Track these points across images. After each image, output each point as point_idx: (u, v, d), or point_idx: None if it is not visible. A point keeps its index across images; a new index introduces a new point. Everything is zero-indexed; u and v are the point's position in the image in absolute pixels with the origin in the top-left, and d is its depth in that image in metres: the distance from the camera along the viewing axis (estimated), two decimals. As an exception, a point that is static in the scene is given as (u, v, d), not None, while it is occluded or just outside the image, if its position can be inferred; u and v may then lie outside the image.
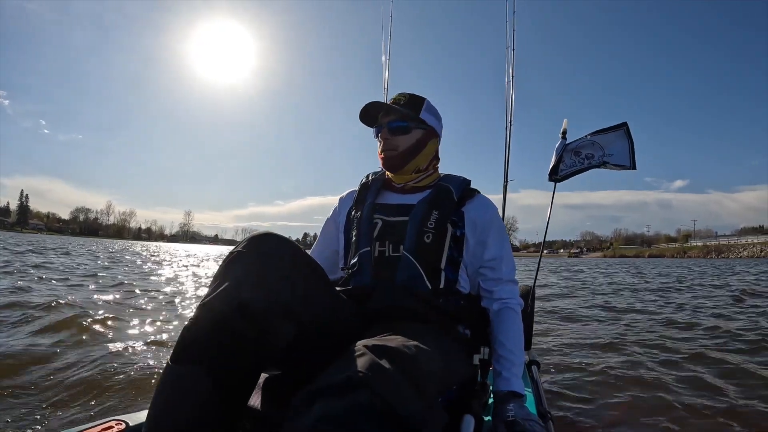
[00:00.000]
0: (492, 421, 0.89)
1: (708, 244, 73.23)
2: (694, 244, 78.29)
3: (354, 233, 1.07)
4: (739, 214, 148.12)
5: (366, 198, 1.11)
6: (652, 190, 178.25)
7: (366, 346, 0.63)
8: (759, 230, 78.62)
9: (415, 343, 0.69)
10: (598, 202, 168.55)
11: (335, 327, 0.81)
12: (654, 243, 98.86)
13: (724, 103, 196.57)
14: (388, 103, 1.09)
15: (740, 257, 55.45)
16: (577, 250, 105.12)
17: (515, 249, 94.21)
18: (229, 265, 0.71)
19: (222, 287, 0.67)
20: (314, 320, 0.75)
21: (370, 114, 1.11)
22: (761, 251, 56.84)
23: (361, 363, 0.59)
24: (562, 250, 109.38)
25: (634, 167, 1.99)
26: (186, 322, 0.68)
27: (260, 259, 0.70)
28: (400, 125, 1.07)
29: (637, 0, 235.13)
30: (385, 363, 0.60)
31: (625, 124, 2.00)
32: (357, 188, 1.18)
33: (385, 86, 2.52)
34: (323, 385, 0.58)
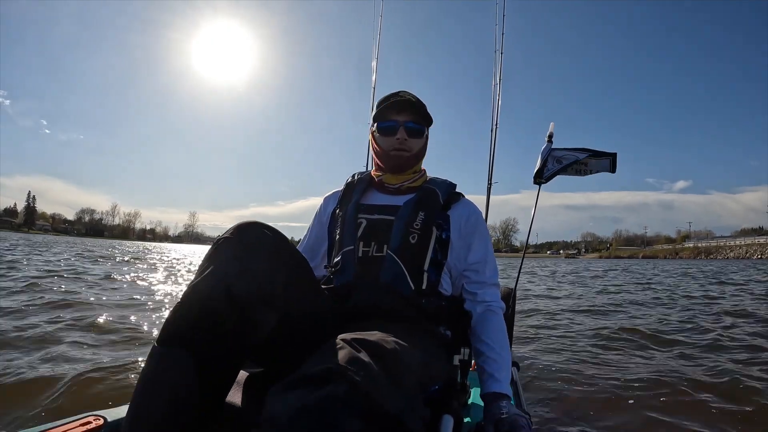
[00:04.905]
0: (484, 419, 0.92)
1: (699, 245, 76.22)
2: (687, 245, 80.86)
3: (338, 232, 1.08)
4: (740, 215, 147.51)
5: (351, 197, 1.12)
6: (654, 191, 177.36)
7: (345, 340, 0.63)
8: (758, 231, 79.15)
9: (395, 338, 0.69)
10: (600, 203, 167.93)
11: (316, 320, 0.80)
12: (654, 244, 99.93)
13: (726, 103, 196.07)
14: (413, 99, 1.08)
15: (727, 258, 59.14)
16: (574, 251, 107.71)
17: (515, 249, 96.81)
18: (215, 252, 0.72)
19: (208, 271, 0.69)
20: (295, 310, 0.76)
21: (384, 106, 1.09)
22: (746, 252, 60.31)
23: (341, 356, 0.59)
24: (562, 251, 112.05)
25: (613, 171, 1.98)
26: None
27: (244, 247, 0.72)
28: (418, 128, 1.09)
29: (639, 4, 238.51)
30: (364, 356, 0.60)
31: (614, 155, 2.02)
32: (342, 188, 1.19)
33: (373, 86, 2.49)
34: (301, 377, 0.57)
